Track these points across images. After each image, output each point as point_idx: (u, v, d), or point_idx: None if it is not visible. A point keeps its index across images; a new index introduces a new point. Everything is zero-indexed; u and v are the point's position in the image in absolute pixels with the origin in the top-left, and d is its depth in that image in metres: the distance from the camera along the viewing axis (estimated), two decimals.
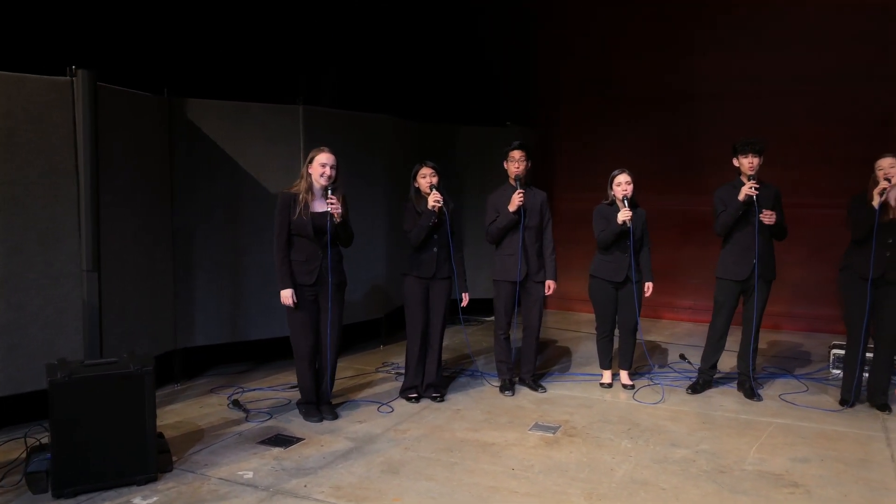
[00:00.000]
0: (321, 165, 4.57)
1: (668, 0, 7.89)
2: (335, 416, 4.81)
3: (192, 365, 5.72)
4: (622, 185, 5.23)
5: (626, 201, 5.17)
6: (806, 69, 7.38)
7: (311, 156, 4.62)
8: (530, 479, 3.89)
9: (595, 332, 5.57)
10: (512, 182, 5.30)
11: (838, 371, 5.83)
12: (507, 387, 5.37)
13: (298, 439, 4.43)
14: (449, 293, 5.17)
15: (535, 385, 5.46)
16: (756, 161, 5.03)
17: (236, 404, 5.02)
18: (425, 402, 5.14)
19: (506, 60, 8.40)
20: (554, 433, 4.57)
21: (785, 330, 7.57)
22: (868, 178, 4.94)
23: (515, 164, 5.23)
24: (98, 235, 4.51)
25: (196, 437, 4.46)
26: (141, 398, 3.73)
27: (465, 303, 5.21)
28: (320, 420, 4.74)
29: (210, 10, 6.11)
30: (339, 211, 4.55)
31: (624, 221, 5.12)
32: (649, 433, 4.58)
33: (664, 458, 4.18)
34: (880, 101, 7.23)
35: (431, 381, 5.20)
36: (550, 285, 5.34)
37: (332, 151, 4.62)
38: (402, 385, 5.27)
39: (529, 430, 4.62)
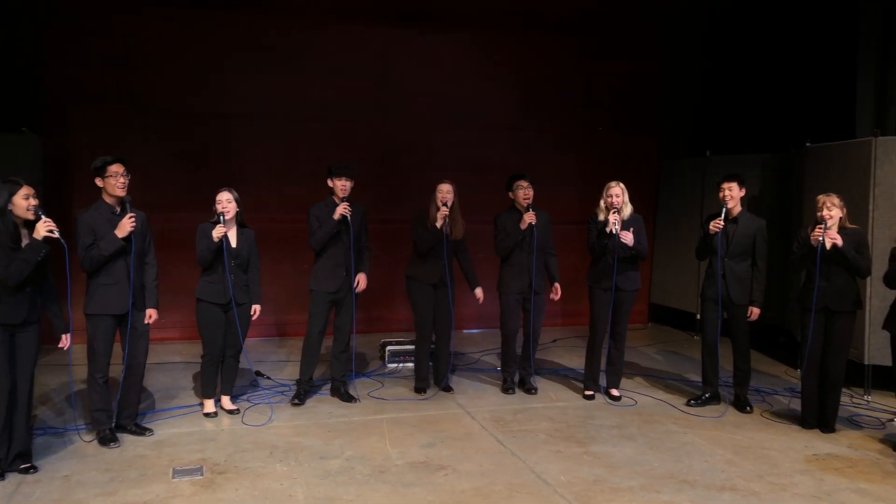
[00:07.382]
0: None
1: (192, 18, 7.75)
2: None
3: None
4: (222, 202, 5.08)
5: (221, 217, 5.03)
6: (325, 99, 8.14)
7: None
8: None
9: (201, 359, 5.24)
10: (108, 200, 4.61)
11: (394, 364, 6.75)
12: (111, 438, 4.64)
13: None
14: (38, 340, 4.23)
15: (141, 429, 4.84)
16: (350, 184, 5.46)
17: None
18: (16, 478, 4.10)
19: (7, 58, 7.02)
20: (201, 475, 4.19)
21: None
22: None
23: (118, 180, 4.56)
24: None
25: None
26: None
27: (65, 344, 4.33)
28: None
29: None
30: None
31: (220, 239, 4.98)
32: (293, 452, 4.58)
33: (326, 472, 4.27)
34: (383, 130, 8.45)
35: (21, 448, 4.17)
36: (151, 314, 4.79)
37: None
38: None
39: (173, 478, 4.14)
